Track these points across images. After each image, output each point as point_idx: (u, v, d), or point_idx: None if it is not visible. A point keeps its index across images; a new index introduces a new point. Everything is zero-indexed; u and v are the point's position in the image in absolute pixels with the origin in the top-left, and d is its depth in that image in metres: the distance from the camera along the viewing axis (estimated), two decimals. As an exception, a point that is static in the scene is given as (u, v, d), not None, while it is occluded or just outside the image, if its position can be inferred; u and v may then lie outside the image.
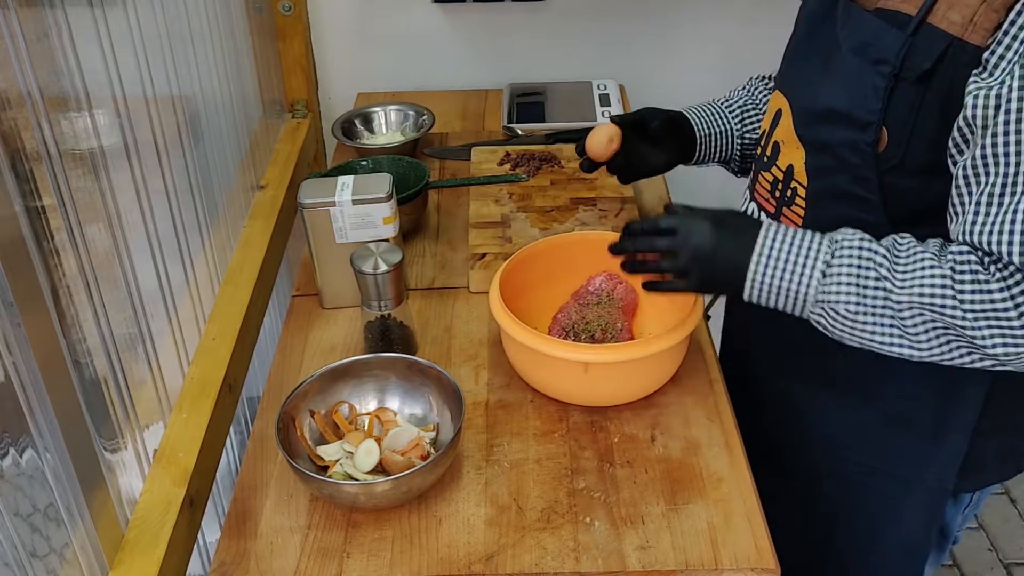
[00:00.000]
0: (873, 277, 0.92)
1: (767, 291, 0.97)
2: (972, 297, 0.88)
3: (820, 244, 0.95)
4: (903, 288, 0.90)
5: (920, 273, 0.90)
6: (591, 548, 0.97)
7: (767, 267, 0.96)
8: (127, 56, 1.05)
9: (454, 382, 1.06)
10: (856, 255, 0.93)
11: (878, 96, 0.93)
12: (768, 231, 0.97)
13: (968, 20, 0.87)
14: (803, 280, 0.95)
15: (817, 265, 0.94)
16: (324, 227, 1.25)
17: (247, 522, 1.02)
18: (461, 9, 1.88)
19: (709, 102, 1.32)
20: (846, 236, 0.95)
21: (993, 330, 0.87)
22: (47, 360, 0.80)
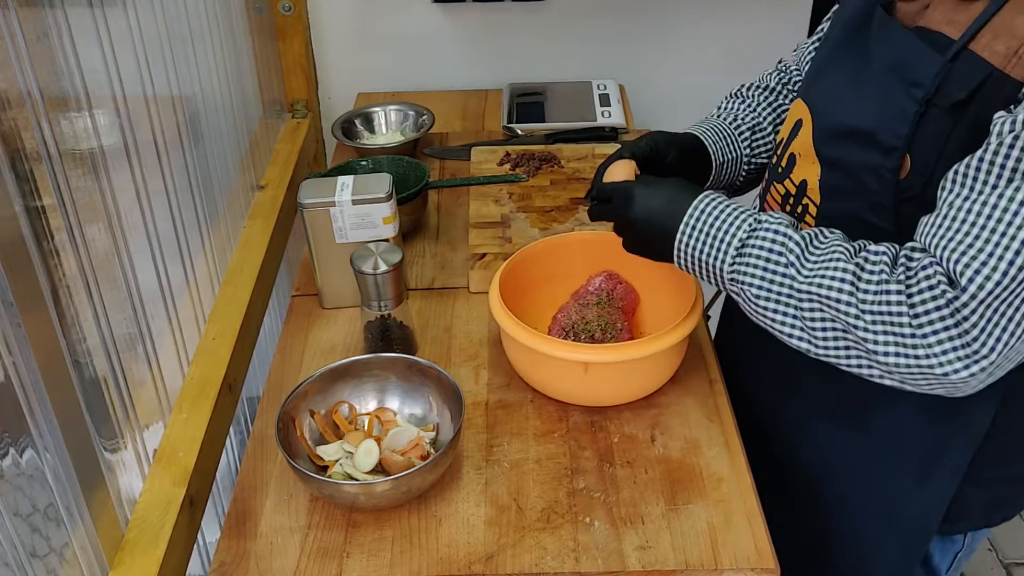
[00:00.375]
0: (782, 263, 0.90)
1: (691, 262, 0.98)
2: (873, 298, 0.85)
3: (743, 222, 0.94)
4: (807, 278, 0.89)
5: (827, 265, 0.88)
6: (591, 548, 0.97)
7: (691, 237, 0.96)
8: (127, 56, 1.05)
9: (454, 382, 1.06)
10: (771, 238, 0.92)
11: (907, 120, 0.89)
12: (700, 202, 0.97)
13: (1013, 52, 0.82)
14: (719, 255, 0.94)
15: (733, 242, 0.93)
16: (324, 227, 1.25)
17: (247, 522, 1.02)
18: (461, 9, 1.88)
19: (718, 122, 1.23)
20: (770, 217, 0.93)
21: (888, 336, 0.85)
22: (47, 360, 0.80)
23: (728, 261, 0.94)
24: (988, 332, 0.82)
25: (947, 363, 0.83)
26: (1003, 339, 0.82)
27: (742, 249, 0.93)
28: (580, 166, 1.60)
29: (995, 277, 0.80)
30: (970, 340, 0.82)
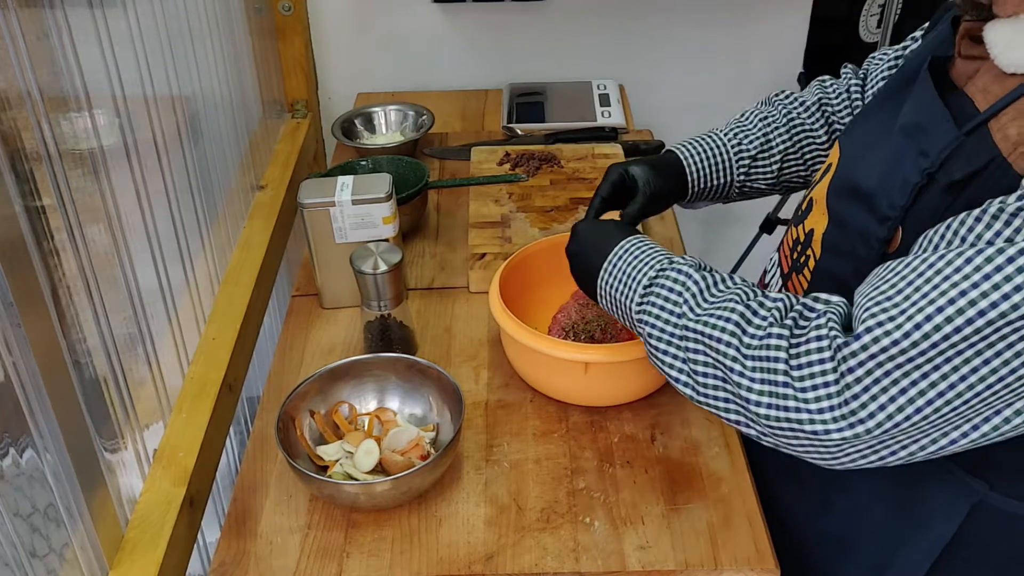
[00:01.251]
0: (679, 303, 0.87)
1: (609, 301, 0.96)
2: (757, 343, 0.80)
3: (656, 262, 0.91)
4: (696, 318, 0.84)
5: (719, 306, 0.84)
6: (591, 548, 0.97)
7: (610, 275, 0.95)
8: (127, 56, 1.05)
9: (454, 382, 1.06)
10: (675, 278, 0.88)
11: (906, 192, 0.82)
12: (625, 243, 0.96)
13: (1022, 141, 0.73)
14: (630, 294, 0.92)
15: (642, 281, 0.90)
16: (324, 227, 1.25)
17: (247, 522, 1.02)
18: (461, 9, 1.88)
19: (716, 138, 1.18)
20: (682, 260, 0.91)
21: (764, 385, 0.79)
22: (47, 360, 0.80)
23: (636, 300, 0.91)
24: (871, 394, 0.74)
25: (819, 421, 0.76)
26: (886, 408, 0.74)
27: (649, 288, 0.90)
28: (580, 166, 1.60)
29: (894, 335, 0.72)
30: (849, 398, 0.75)
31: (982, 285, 0.69)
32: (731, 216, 2.20)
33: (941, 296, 0.71)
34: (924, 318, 0.71)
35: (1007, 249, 0.69)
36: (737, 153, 1.18)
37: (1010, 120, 0.75)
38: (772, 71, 1.99)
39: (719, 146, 1.18)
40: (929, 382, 0.72)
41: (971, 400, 0.72)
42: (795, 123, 1.19)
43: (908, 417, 0.74)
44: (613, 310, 0.97)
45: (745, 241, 2.12)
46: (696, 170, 1.17)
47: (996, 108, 0.76)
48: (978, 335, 0.70)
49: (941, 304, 0.70)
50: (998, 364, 0.70)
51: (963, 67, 0.85)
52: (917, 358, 0.72)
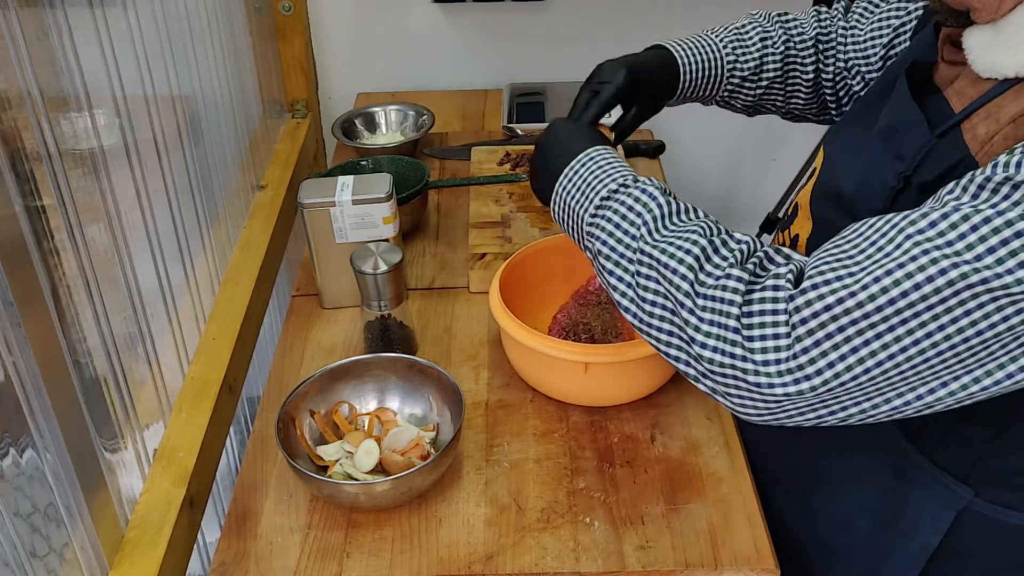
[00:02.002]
0: (637, 223, 0.83)
1: (561, 209, 0.92)
2: (713, 282, 0.77)
3: (619, 176, 0.87)
4: (654, 244, 0.81)
5: (680, 236, 0.80)
6: (591, 548, 0.97)
7: (569, 181, 0.91)
8: (127, 56, 1.05)
9: (454, 382, 1.06)
10: (636, 196, 0.84)
11: (884, 196, 0.82)
12: (592, 151, 0.92)
13: (988, 138, 0.74)
14: (584, 203, 0.88)
15: (601, 192, 0.86)
16: (324, 227, 1.25)
17: (247, 522, 1.02)
18: (461, 9, 1.88)
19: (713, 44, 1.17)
20: (647, 180, 0.86)
21: (712, 327, 0.76)
22: (47, 360, 0.80)
23: (590, 211, 0.86)
24: (821, 349, 0.71)
25: (764, 373, 0.73)
26: (835, 366, 0.71)
27: (605, 202, 0.85)
28: (580, 166, 1.60)
29: (851, 287, 0.70)
30: (798, 352, 0.72)
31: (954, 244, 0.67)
32: (731, 216, 2.20)
33: (903, 254, 0.69)
34: (884, 272, 0.69)
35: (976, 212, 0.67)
36: (731, 69, 1.15)
37: (980, 120, 0.75)
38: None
39: (713, 53, 1.15)
40: (881, 343, 0.70)
41: (920, 366, 0.70)
42: (790, 54, 1.16)
43: (855, 376, 0.71)
44: (563, 219, 0.93)
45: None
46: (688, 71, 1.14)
47: (969, 110, 0.77)
48: (937, 296, 0.67)
49: (902, 260, 0.68)
50: (952, 331, 0.68)
51: (945, 71, 0.86)
52: (873, 314, 0.69)
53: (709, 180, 2.16)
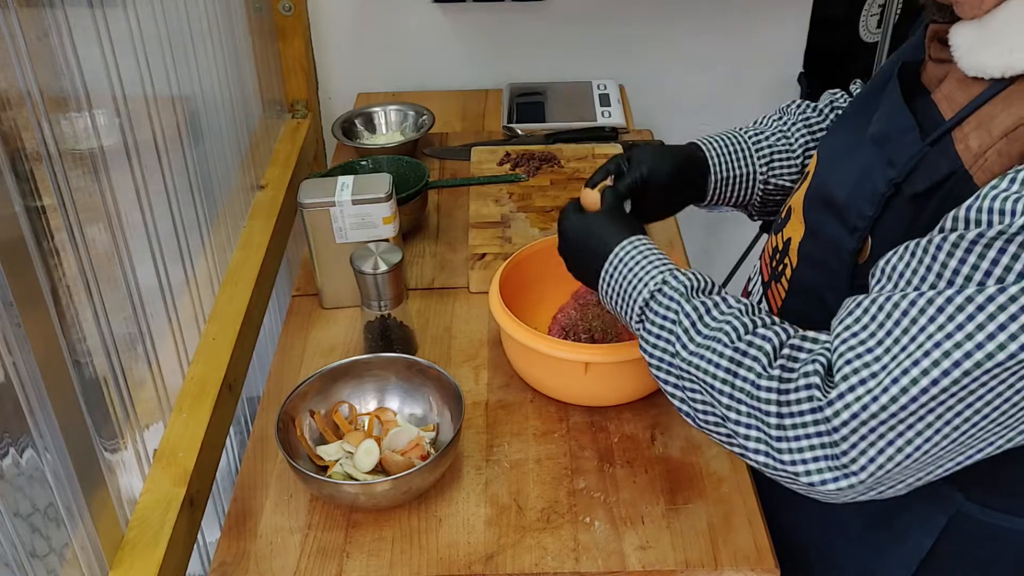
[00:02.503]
0: (675, 334, 0.85)
1: (612, 307, 0.95)
2: (748, 389, 0.80)
3: (650, 279, 0.89)
4: (690, 355, 0.84)
5: (710, 346, 0.83)
6: (591, 548, 0.97)
7: (609, 286, 0.94)
8: (127, 56, 1.05)
9: (454, 382, 1.06)
10: (667, 305, 0.87)
11: (874, 202, 0.82)
12: (620, 249, 0.94)
13: (982, 153, 0.73)
14: (629, 312, 0.91)
15: (638, 301, 0.89)
16: (324, 227, 1.25)
17: (247, 522, 1.02)
18: (461, 9, 1.88)
19: (736, 135, 1.15)
20: (675, 278, 0.88)
21: (758, 432, 0.79)
22: (47, 360, 0.80)
23: (635, 320, 0.90)
24: (860, 450, 0.74)
25: (815, 472, 0.77)
26: (877, 461, 0.74)
27: (644, 312, 0.89)
28: (580, 166, 1.60)
29: (876, 394, 0.72)
30: (839, 453, 0.75)
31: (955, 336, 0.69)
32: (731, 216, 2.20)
33: (917, 349, 0.71)
34: (902, 372, 0.71)
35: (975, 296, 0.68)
36: (756, 144, 1.14)
37: (972, 129, 0.74)
38: (772, 71, 1.99)
39: (733, 137, 1.15)
40: (916, 432, 0.73)
41: (958, 441, 0.73)
42: (811, 121, 1.17)
43: (899, 463, 0.74)
44: (620, 316, 0.96)
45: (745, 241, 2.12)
46: (716, 155, 1.12)
47: (960, 117, 0.76)
48: (957, 386, 0.70)
49: (917, 357, 0.70)
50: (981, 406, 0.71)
51: (933, 71, 0.84)
52: (900, 414, 0.72)
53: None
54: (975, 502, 0.89)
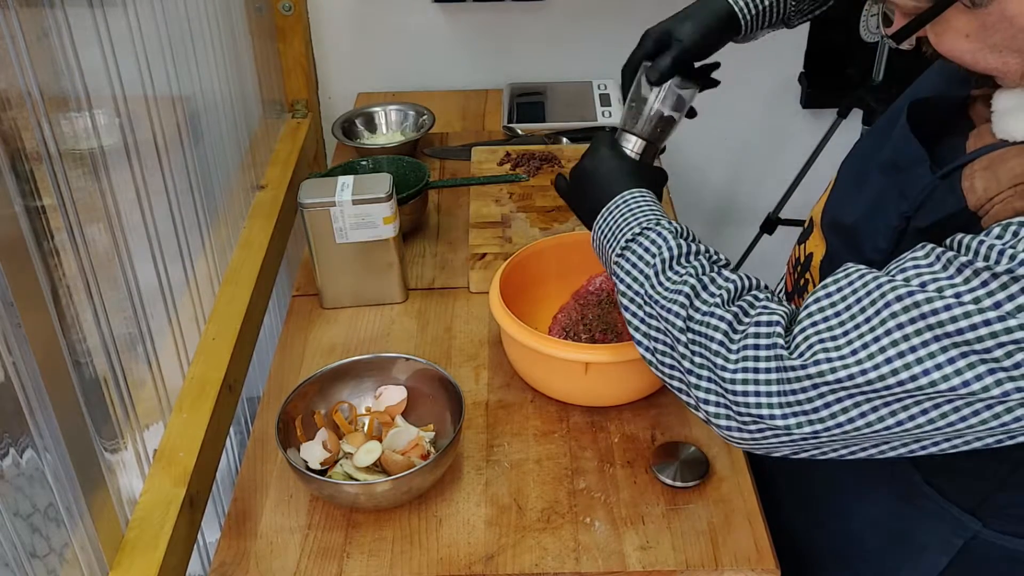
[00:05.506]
0: (649, 265, 0.88)
1: (598, 246, 0.97)
2: (701, 319, 0.82)
3: (645, 219, 0.91)
4: (656, 287, 0.86)
5: (679, 279, 0.85)
6: (591, 548, 0.97)
7: (603, 222, 0.96)
8: (127, 56, 1.05)
9: (454, 382, 1.06)
10: (652, 239, 0.89)
11: (888, 235, 0.82)
12: (627, 193, 0.96)
13: (987, 199, 0.73)
14: (613, 244, 0.93)
15: (626, 234, 0.91)
16: (324, 227, 1.25)
17: (247, 522, 1.02)
18: (461, 9, 1.88)
19: None
20: (667, 224, 0.90)
21: (704, 359, 0.81)
22: (47, 360, 0.80)
23: (616, 251, 0.92)
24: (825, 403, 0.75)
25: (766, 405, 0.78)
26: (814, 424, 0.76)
27: (629, 243, 0.91)
28: (580, 166, 1.60)
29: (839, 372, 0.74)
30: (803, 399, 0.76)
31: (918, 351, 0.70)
32: (731, 216, 2.20)
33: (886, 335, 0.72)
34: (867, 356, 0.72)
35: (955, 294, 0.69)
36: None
37: (981, 169, 0.75)
38: (773, 71, 1.99)
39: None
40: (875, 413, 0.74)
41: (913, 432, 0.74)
42: None
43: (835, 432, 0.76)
44: (600, 255, 0.98)
45: (745, 241, 2.12)
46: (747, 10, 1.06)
47: (973, 155, 0.76)
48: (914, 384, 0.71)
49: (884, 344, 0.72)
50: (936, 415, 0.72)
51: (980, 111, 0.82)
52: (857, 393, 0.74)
53: (709, 180, 2.16)
54: (992, 529, 0.89)
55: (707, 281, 0.84)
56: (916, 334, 0.70)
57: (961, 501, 0.89)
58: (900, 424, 0.73)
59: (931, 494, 0.91)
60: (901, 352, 0.71)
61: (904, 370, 0.71)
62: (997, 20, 0.70)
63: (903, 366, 0.71)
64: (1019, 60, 0.72)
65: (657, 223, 0.91)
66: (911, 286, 0.72)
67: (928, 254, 0.73)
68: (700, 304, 0.83)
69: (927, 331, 0.70)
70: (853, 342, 0.73)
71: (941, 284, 0.70)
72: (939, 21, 0.73)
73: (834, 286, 0.78)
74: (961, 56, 0.75)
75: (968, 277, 0.69)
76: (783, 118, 2.05)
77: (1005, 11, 0.69)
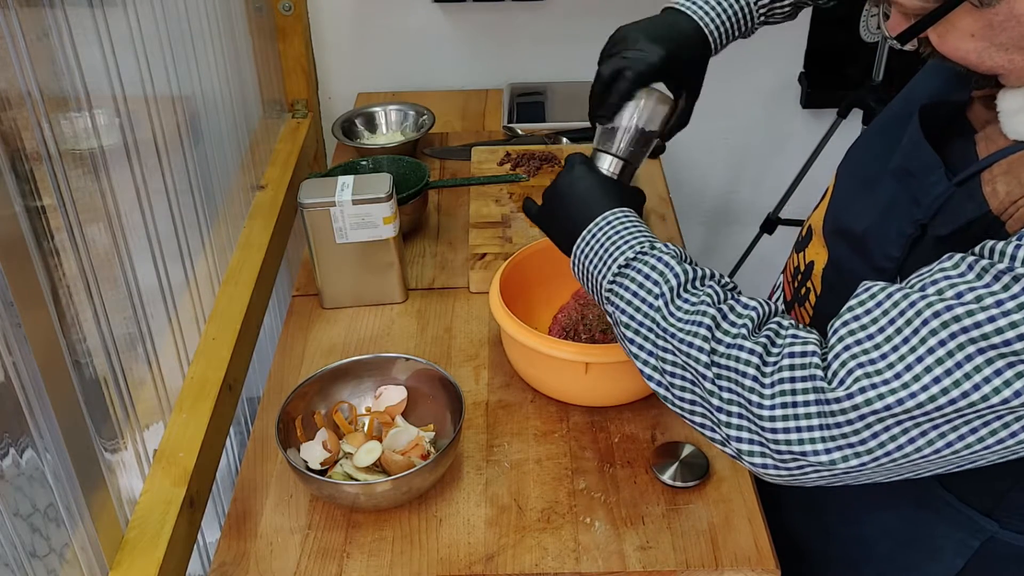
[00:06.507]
0: (654, 295, 0.82)
1: (581, 270, 0.91)
2: (727, 351, 0.77)
3: (637, 243, 0.86)
4: (670, 318, 0.81)
5: (692, 310, 0.80)
6: (591, 548, 0.97)
7: (587, 245, 0.90)
8: (127, 56, 1.05)
9: (454, 382, 1.06)
10: (653, 265, 0.83)
11: (900, 243, 0.81)
12: (610, 214, 0.90)
13: (1012, 202, 0.72)
14: (603, 270, 0.87)
15: (619, 260, 0.85)
16: (324, 227, 1.25)
17: (247, 522, 1.02)
18: (461, 9, 1.88)
19: None
20: (663, 247, 0.85)
21: (733, 395, 0.77)
22: (47, 360, 0.80)
23: (609, 278, 0.86)
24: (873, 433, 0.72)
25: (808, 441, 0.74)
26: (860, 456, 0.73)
27: (624, 270, 0.85)
28: (580, 166, 1.60)
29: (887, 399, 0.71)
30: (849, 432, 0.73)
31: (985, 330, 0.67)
32: (731, 216, 2.20)
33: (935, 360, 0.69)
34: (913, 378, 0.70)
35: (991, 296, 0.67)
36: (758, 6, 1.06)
37: (1001, 174, 0.73)
38: (772, 71, 1.99)
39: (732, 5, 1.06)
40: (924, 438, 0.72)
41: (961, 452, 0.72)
42: None
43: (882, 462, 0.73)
44: (583, 279, 0.92)
45: (745, 241, 2.12)
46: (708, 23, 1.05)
47: (990, 160, 0.75)
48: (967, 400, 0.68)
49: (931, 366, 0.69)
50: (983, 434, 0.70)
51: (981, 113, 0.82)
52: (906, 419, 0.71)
53: (709, 180, 2.16)
54: (1010, 530, 0.89)
55: (726, 310, 0.79)
56: (959, 349, 0.68)
57: (978, 503, 0.88)
58: (949, 446, 0.71)
59: (948, 498, 0.90)
60: (948, 370, 0.68)
61: (954, 388, 0.68)
62: (1005, 19, 0.70)
63: (952, 384, 0.68)
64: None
65: (652, 247, 0.86)
66: (947, 299, 0.69)
67: (958, 264, 0.71)
68: (723, 336, 0.78)
69: (970, 344, 0.67)
70: (895, 365, 0.70)
71: (980, 293, 0.68)
72: (943, 21, 0.72)
73: (860, 308, 0.75)
74: (966, 56, 0.74)
75: (1007, 284, 0.67)
76: (783, 118, 2.05)
77: (1013, 10, 0.69)
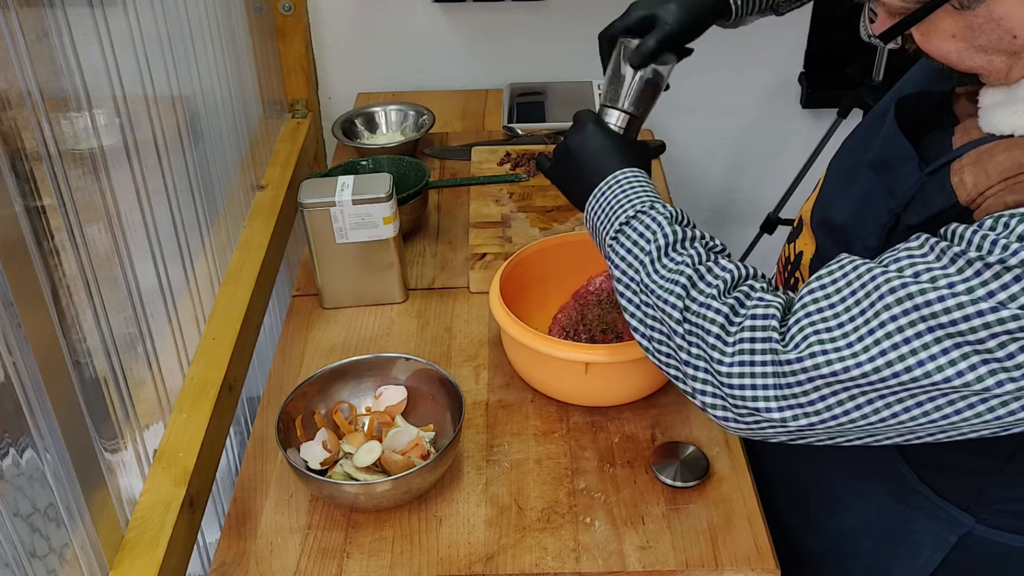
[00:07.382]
0: (644, 252, 0.86)
1: (590, 223, 0.95)
2: (697, 310, 0.81)
3: (640, 201, 0.90)
4: (653, 275, 0.85)
5: (676, 268, 0.84)
6: (591, 548, 0.97)
7: (596, 203, 0.94)
8: (127, 56, 1.05)
9: (454, 382, 1.06)
10: (647, 224, 0.87)
11: (876, 232, 0.83)
12: (619, 174, 0.93)
13: (979, 193, 0.73)
14: (607, 226, 0.91)
15: (620, 217, 0.89)
16: (324, 227, 1.25)
17: (247, 522, 1.02)
18: (461, 9, 1.88)
19: None
20: (662, 207, 0.89)
21: (700, 350, 0.81)
22: (47, 360, 0.80)
23: (611, 234, 0.90)
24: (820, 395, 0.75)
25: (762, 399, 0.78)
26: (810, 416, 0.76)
27: (623, 227, 0.89)
28: (580, 166, 1.59)
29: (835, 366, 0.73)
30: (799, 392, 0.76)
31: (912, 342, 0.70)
32: (731, 216, 2.20)
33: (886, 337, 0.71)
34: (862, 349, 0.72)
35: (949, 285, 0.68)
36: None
37: (969, 164, 0.75)
38: (773, 71, 1.99)
39: None
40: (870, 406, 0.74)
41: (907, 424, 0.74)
42: None
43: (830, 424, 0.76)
44: (593, 235, 0.96)
45: (745, 241, 2.12)
46: None
47: (960, 151, 0.77)
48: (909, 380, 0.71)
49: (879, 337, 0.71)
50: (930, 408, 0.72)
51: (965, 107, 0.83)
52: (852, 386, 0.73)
53: (709, 180, 2.16)
54: (986, 525, 0.89)
55: (704, 271, 0.83)
56: (909, 325, 0.70)
57: (955, 498, 0.90)
58: (895, 416, 0.73)
59: (925, 491, 0.91)
60: (895, 344, 0.71)
61: (898, 362, 0.71)
62: (984, 21, 0.71)
63: (898, 358, 0.71)
64: (1004, 60, 0.73)
65: (651, 206, 0.89)
66: (904, 277, 0.71)
67: (923, 244, 0.73)
68: (696, 294, 0.82)
69: (920, 322, 0.70)
70: (849, 335, 0.73)
71: (935, 274, 0.70)
72: (926, 21, 0.73)
73: (828, 277, 0.78)
74: (947, 56, 0.75)
75: (961, 267, 0.69)
76: (783, 118, 2.05)
77: (992, 13, 0.70)
